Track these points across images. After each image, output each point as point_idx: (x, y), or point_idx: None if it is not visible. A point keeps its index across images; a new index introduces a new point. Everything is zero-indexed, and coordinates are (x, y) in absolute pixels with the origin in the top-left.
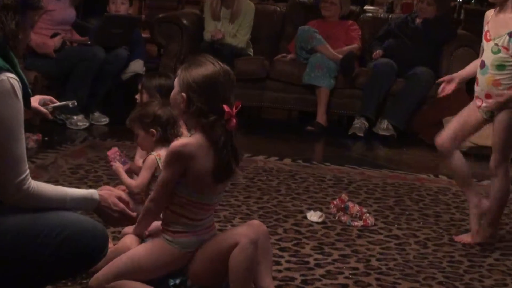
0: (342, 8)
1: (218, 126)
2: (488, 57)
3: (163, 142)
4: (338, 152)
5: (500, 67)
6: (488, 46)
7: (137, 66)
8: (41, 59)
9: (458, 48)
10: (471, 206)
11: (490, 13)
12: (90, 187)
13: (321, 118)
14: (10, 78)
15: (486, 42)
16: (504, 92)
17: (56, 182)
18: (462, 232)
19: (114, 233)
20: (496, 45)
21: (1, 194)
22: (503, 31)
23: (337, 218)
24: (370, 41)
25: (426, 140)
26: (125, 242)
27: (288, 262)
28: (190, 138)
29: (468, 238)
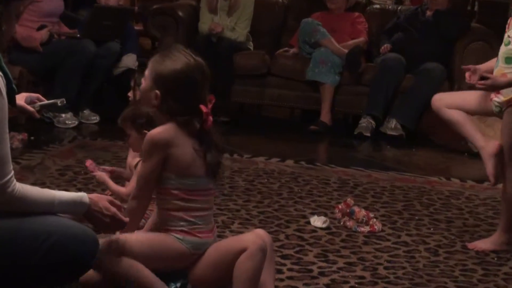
0: None
1: (194, 125)
2: (501, 49)
3: None
4: (343, 153)
5: (508, 60)
6: (505, 37)
7: (129, 60)
8: (26, 53)
9: (472, 42)
10: (482, 153)
11: None
12: (80, 190)
13: (325, 116)
14: None
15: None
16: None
17: (43, 185)
18: (475, 238)
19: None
20: (508, 36)
21: None
22: None
23: (342, 223)
24: (377, 34)
25: (437, 140)
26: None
27: (290, 270)
28: (165, 126)
29: (482, 244)
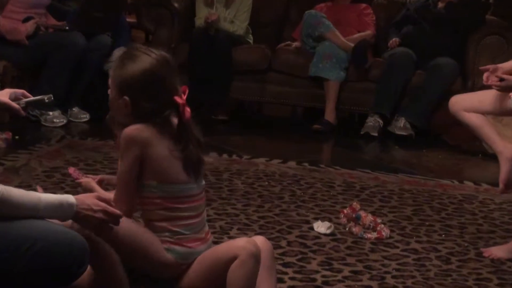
0: None
1: (172, 123)
2: None
3: None
4: (348, 154)
5: None
6: None
7: None
8: (11, 47)
9: (487, 36)
10: (499, 158)
11: None
12: (68, 193)
13: (329, 115)
14: None
15: None
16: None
17: (28, 187)
18: (490, 245)
19: None
20: None
21: None
22: None
23: (347, 229)
24: (385, 27)
25: (449, 141)
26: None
27: (292, 279)
28: (143, 125)
29: (498, 252)
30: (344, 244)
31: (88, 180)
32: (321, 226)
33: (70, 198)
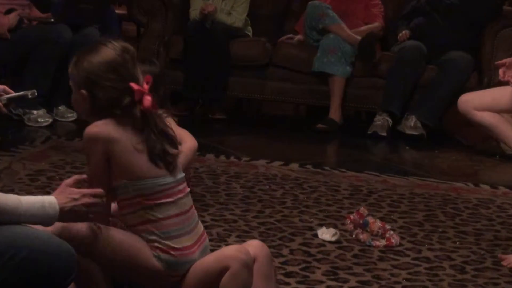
0: None
1: (135, 109)
2: None
3: None
4: (355, 155)
5: None
6: None
7: None
8: None
9: (504, 28)
10: None
11: None
12: None
13: (334, 113)
14: None
15: None
16: None
17: (11, 192)
18: (508, 253)
19: None
20: None
21: None
22: None
23: (354, 236)
24: (394, 19)
25: (464, 141)
26: None
27: None
28: (102, 121)
29: None
30: (350, 252)
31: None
32: (325, 233)
33: (48, 197)
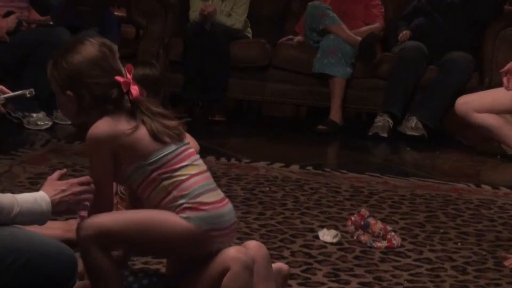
0: None
1: (124, 101)
2: None
3: None
4: (356, 156)
5: None
6: None
7: None
8: None
9: (506, 28)
10: None
11: None
12: None
13: (335, 115)
14: None
15: None
16: None
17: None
18: (511, 254)
19: None
20: None
21: None
22: None
23: (355, 238)
24: (395, 19)
25: (465, 141)
26: None
27: None
28: (101, 121)
29: None
30: (351, 253)
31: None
32: (327, 235)
33: (38, 192)
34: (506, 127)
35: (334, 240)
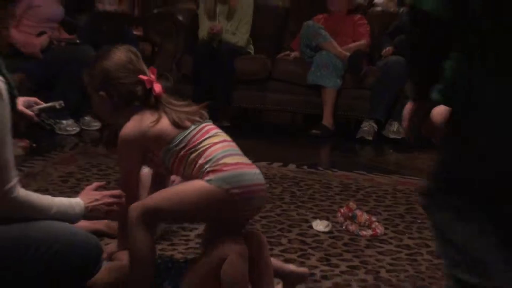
0: (349, 1)
1: (149, 98)
2: None
3: None
4: (345, 157)
5: None
6: None
7: None
8: (27, 60)
9: None
10: None
11: None
12: None
13: (327, 121)
14: None
15: None
16: None
17: (45, 192)
18: None
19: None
20: None
21: None
22: None
23: (344, 227)
24: (379, 37)
25: (437, 143)
26: (118, 258)
27: None
28: (129, 122)
29: None
30: (341, 241)
31: None
32: (319, 225)
33: (75, 198)
34: None
35: (326, 229)
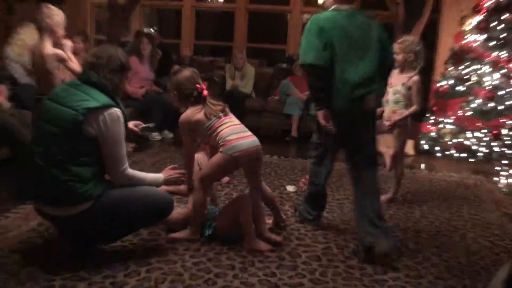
0: None
1: (200, 97)
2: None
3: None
4: (304, 151)
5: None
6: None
7: None
8: (134, 101)
9: None
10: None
11: None
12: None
13: (294, 132)
14: (117, 111)
15: None
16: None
17: (143, 170)
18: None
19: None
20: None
21: (112, 178)
22: None
23: (303, 189)
24: None
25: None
26: (173, 215)
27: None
28: (186, 112)
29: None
30: (301, 196)
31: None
32: (290, 187)
33: (158, 174)
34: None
35: (294, 190)
